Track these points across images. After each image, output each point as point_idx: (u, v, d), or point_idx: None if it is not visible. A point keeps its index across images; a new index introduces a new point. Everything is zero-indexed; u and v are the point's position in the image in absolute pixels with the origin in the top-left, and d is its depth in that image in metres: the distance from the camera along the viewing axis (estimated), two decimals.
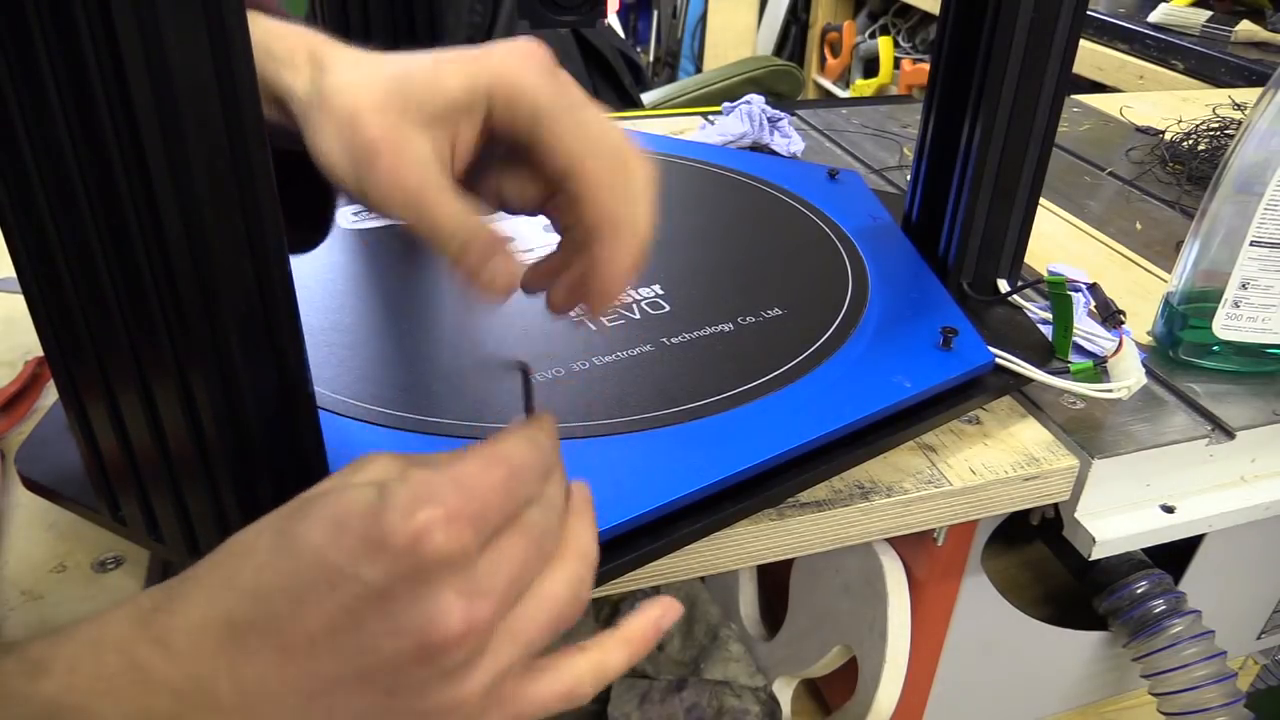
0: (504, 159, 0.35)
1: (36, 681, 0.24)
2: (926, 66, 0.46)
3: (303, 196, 0.38)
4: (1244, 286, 0.51)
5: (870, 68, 2.77)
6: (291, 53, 0.34)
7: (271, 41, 0.34)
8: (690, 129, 0.87)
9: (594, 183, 0.32)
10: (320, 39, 0.35)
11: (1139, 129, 0.95)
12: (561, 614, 0.29)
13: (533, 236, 0.51)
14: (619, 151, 0.33)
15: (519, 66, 0.33)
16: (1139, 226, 0.74)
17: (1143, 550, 0.57)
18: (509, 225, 0.34)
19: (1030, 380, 0.49)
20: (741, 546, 0.43)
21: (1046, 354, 0.52)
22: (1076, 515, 0.49)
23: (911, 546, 0.55)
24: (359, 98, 0.32)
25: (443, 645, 0.26)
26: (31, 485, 0.40)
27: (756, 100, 0.85)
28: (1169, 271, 0.59)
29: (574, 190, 0.33)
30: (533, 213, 0.36)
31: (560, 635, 0.29)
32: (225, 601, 0.26)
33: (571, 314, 0.35)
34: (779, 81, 1.74)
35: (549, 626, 0.29)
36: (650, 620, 0.32)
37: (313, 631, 0.25)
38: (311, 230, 0.42)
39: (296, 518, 0.27)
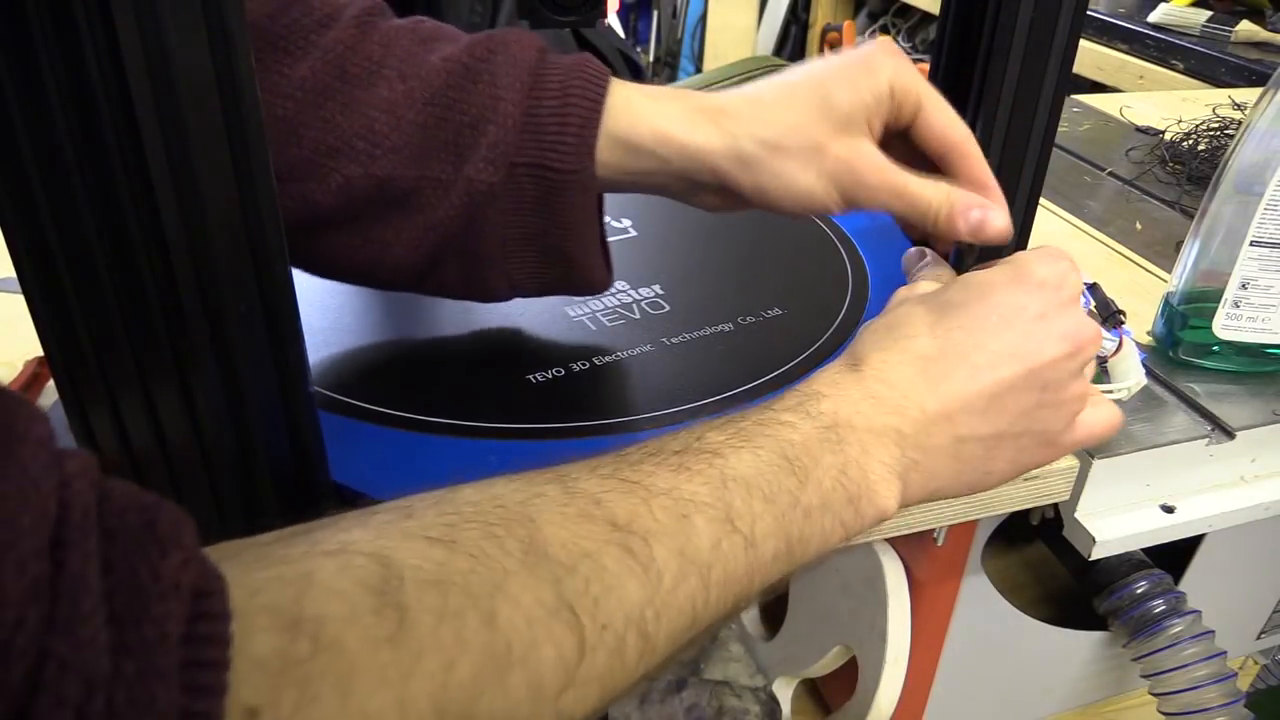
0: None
1: (819, 404, 0.36)
2: (926, 66, 0.46)
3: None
4: (1244, 286, 0.51)
5: None
6: (692, 114, 0.41)
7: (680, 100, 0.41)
8: None
9: (973, 152, 0.43)
10: (697, 96, 0.42)
11: (1139, 129, 0.95)
12: None
13: None
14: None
15: (904, 69, 0.41)
16: (1139, 226, 0.74)
17: (1143, 550, 0.57)
18: None
19: None
20: None
21: None
22: (1076, 515, 0.49)
23: (911, 546, 0.55)
24: (808, 133, 0.40)
25: (1087, 342, 0.39)
26: None
27: None
28: (1169, 271, 0.59)
29: (955, 161, 0.42)
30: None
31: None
32: (915, 348, 0.38)
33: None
34: None
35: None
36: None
37: (992, 350, 0.37)
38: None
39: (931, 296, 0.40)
